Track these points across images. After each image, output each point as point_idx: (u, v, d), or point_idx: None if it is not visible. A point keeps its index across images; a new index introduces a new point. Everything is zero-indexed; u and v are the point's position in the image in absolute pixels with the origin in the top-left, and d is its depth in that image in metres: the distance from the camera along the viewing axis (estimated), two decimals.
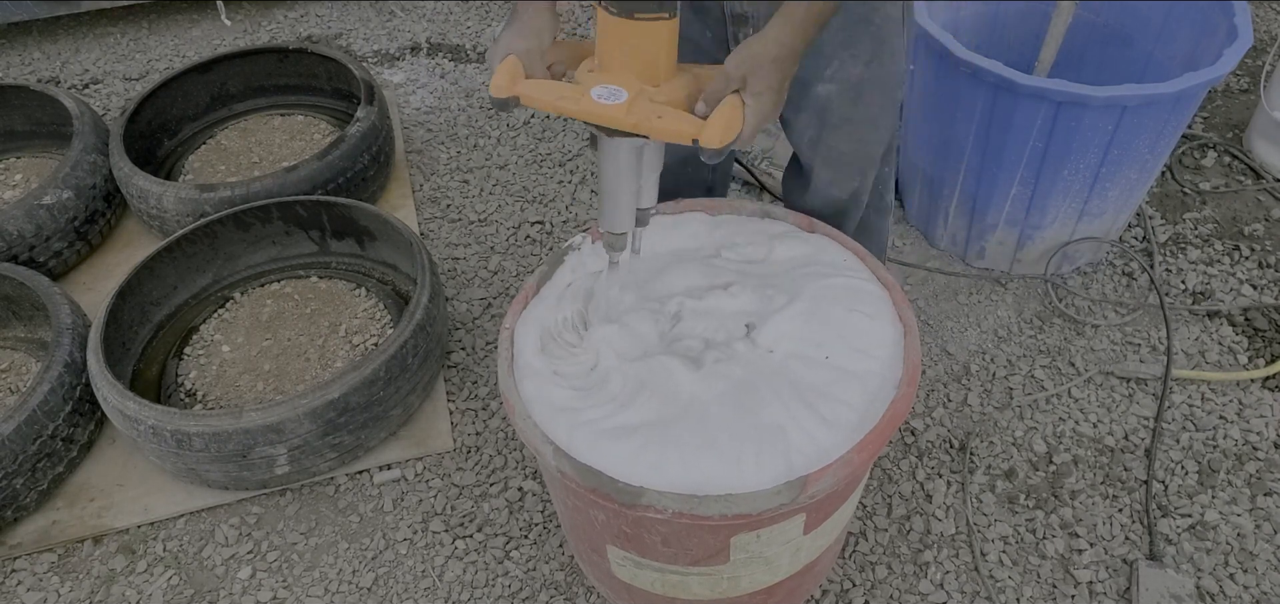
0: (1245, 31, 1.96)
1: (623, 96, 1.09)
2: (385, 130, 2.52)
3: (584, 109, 1.11)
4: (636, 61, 1.11)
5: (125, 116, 2.46)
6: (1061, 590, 1.70)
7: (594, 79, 1.13)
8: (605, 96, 1.10)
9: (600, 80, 1.12)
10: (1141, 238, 2.40)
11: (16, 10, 3.25)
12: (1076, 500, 1.84)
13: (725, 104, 1.10)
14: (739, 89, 1.12)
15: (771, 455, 1.15)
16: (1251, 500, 1.83)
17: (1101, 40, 2.35)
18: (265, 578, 1.77)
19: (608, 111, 1.09)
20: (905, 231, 2.45)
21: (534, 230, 2.50)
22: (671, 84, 1.14)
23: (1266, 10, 3.23)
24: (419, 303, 1.90)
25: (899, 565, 1.75)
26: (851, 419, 1.20)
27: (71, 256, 2.35)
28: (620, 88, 1.10)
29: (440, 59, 3.21)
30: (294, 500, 1.89)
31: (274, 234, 2.27)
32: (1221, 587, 1.69)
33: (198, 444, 1.72)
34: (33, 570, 1.79)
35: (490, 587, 1.74)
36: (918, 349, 1.29)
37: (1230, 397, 2.01)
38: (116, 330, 1.98)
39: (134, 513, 1.86)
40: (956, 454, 1.93)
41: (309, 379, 1.98)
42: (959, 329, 2.19)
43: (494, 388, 2.08)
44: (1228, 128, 2.74)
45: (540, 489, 1.89)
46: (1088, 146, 1.97)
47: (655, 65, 1.12)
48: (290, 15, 3.50)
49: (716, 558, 1.29)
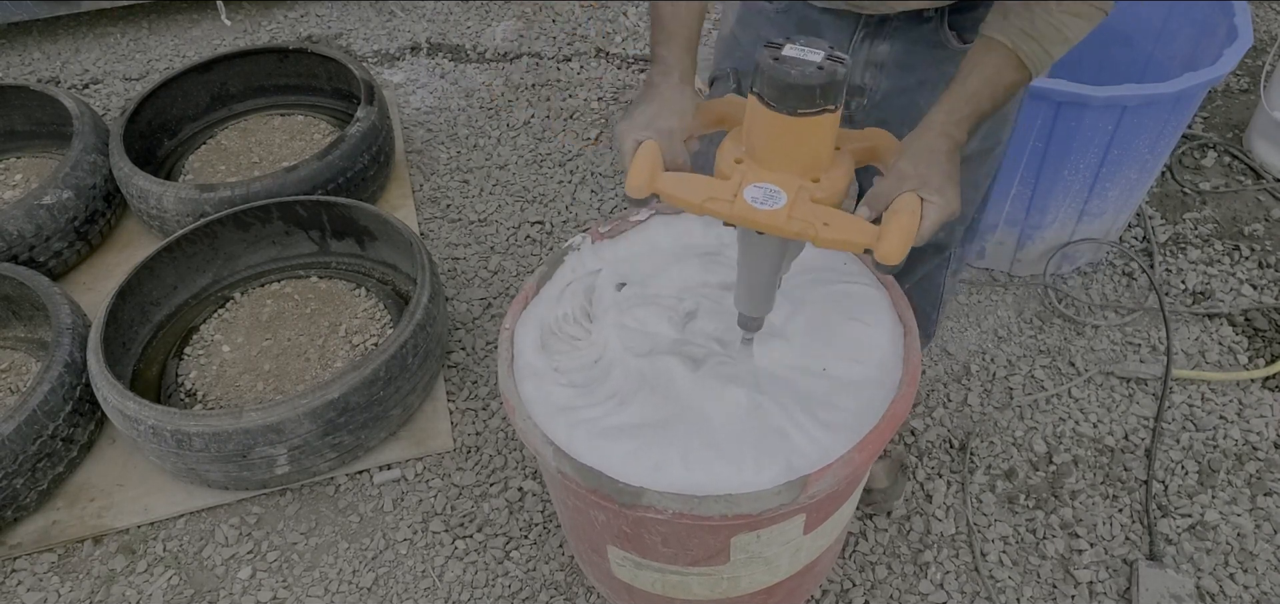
0: (1245, 31, 1.96)
1: (782, 199, 0.98)
2: (385, 130, 2.52)
3: (738, 213, 0.99)
4: (796, 158, 0.99)
5: (125, 116, 2.46)
6: (1061, 590, 1.70)
7: (744, 173, 1.01)
8: (762, 199, 0.98)
9: (753, 175, 1.00)
10: (1141, 238, 2.40)
11: (16, 10, 3.25)
12: (1076, 500, 1.84)
13: (903, 211, 0.99)
14: (915, 188, 1.01)
15: (771, 455, 1.15)
16: (1251, 500, 1.83)
17: (1101, 40, 2.34)
18: (265, 578, 1.77)
19: (766, 218, 0.98)
20: None
21: (534, 230, 2.50)
22: (832, 175, 1.02)
23: (1266, 10, 3.23)
24: (419, 303, 1.90)
25: (899, 565, 1.75)
26: (851, 419, 1.20)
27: (71, 256, 2.35)
28: (777, 188, 0.98)
29: (440, 59, 3.21)
30: (294, 500, 1.89)
31: (274, 234, 2.27)
32: (1221, 587, 1.69)
33: (198, 444, 1.72)
34: (33, 570, 1.79)
35: (490, 587, 1.74)
36: (918, 349, 1.28)
37: (1230, 397, 2.01)
38: (116, 330, 1.98)
39: (134, 513, 1.86)
40: (956, 454, 1.93)
41: (309, 379, 1.98)
42: (959, 329, 2.19)
43: (494, 388, 2.08)
44: (1228, 128, 2.74)
45: (540, 489, 1.89)
46: (1088, 146, 1.97)
47: (817, 159, 1.00)
48: (290, 15, 3.50)
49: (717, 558, 1.29)
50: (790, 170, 1.00)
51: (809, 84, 0.92)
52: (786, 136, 0.98)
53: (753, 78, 0.97)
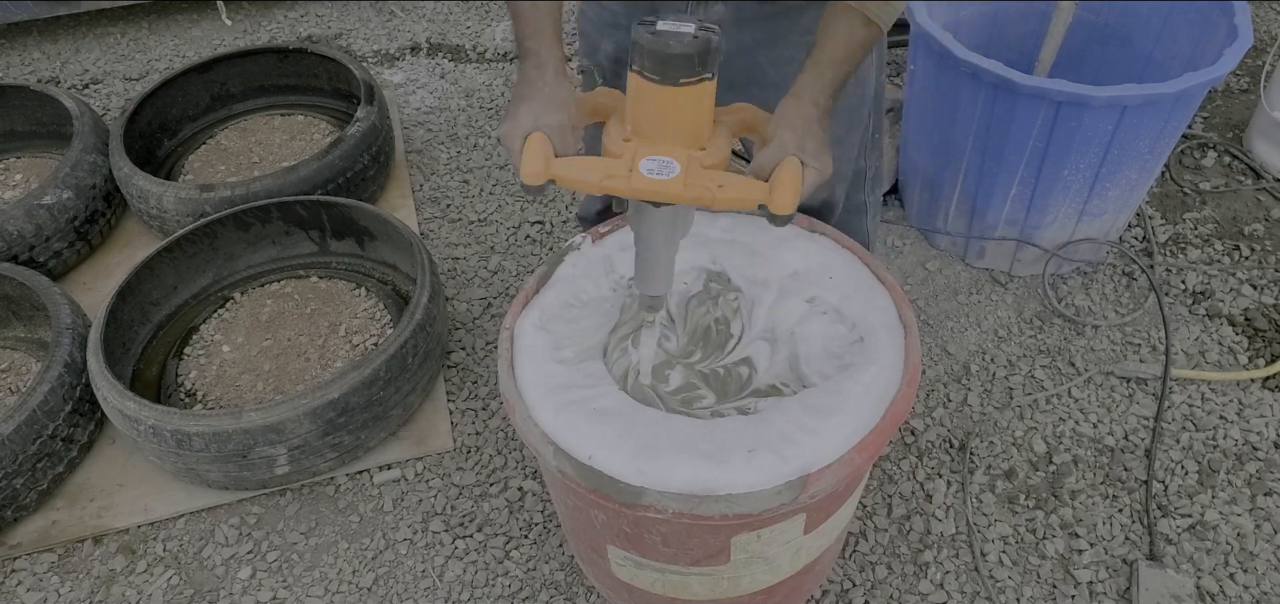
0: (1245, 31, 1.96)
1: (675, 168, 1.03)
2: (385, 130, 2.52)
3: (635, 186, 1.03)
4: (681, 128, 1.05)
5: (125, 116, 2.46)
6: (1061, 590, 1.70)
7: (635, 149, 1.06)
8: (656, 170, 1.03)
9: (643, 150, 1.05)
10: (1141, 238, 2.40)
11: (16, 10, 3.25)
12: (1076, 500, 1.84)
13: (787, 168, 1.04)
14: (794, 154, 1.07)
15: (772, 455, 1.15)
16: (1251, 500, 1.83)
17: (1101, 40, 2.35)
18: (265, 578, 1.77)
19: (663, 187, 1.03)
20: (905, 232, 2.45)
21: (534, 230, 2.50)
22: (716, 144, 1.08)
23: (1266, 10, 3.23)
24: (419, 303, 1.90)
25: (899, 565, 1.75)
26: (851, 419, 1.20)
27: (71, 256, 2.35)
28: (669, 158, 1.03)
29: (440, 59, 3.21)
30: (294, 500, 1.89)
31: (274, 234, 2.27)
32: (1221, 587, 1.69)
33: (198, 444, 1.72)
34: (33, 570, 1.79)
35: (490, 587, 1.74)
36: (918, 349, 1.28)
37: (1230, 397, 2.01)
38: (116, 330, 1.98)
39: (134, 513, 1.86)
40: (956, 454, 1.93)
41: (309, 379, 1.98)
42: (959, 329, 2.19)
43: (494, 388, 2.08)
44: (1228, 128, 2.75)
45: (540, 489, 1.89)
46: (1088, 146, 1.97)
47: (700, 128, 1.06)
48: (290, 15, 3.50)
49: (717, 558, 1.29)
50: (677, 141, 1.05)
51: (687, 53, 0.98)
52: (670, 107, 1.03)
53: (631, 55, 1.01)
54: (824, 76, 1.14)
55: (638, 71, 1.01)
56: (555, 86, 1.14)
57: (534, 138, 1.08)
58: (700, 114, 1.05)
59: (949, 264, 2.36)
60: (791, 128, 1.09)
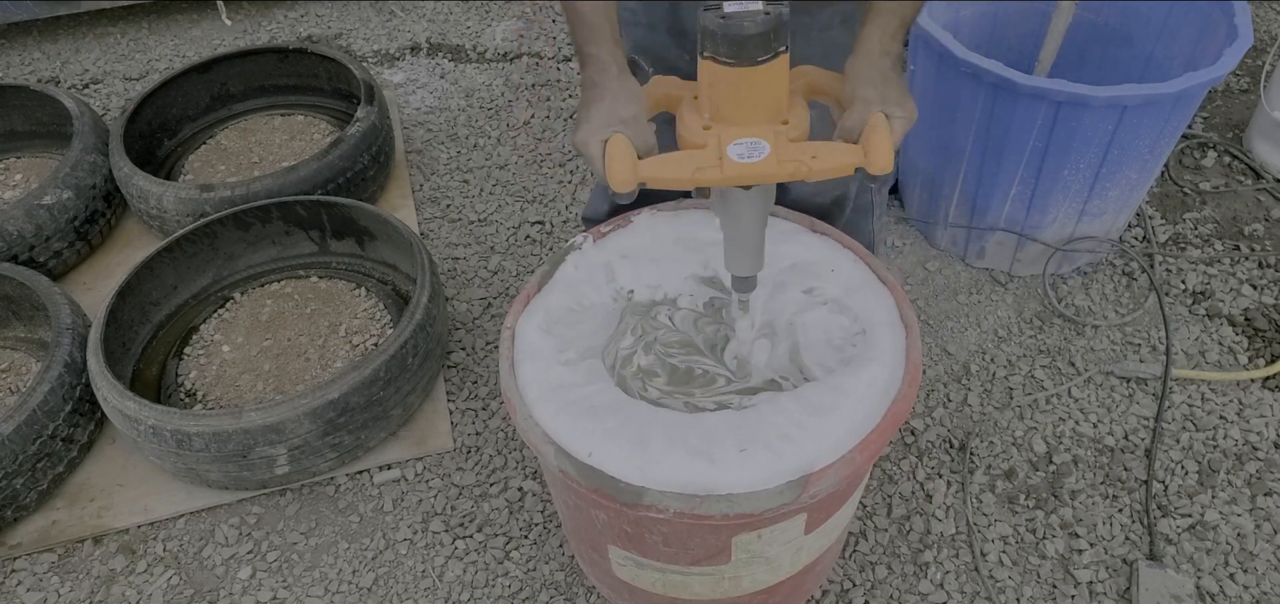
0: (1245, 31, 1.96)
1: (765, 149, 1.01)
2: (385, 130, 2.52)
3: (729, 173, 1.01)
4: (763, 106, 1.03)
5: (125, 116, 2.46)
6: (1061, 590, 1.70)
7: (719, 136, 1.03)
8: (746, 154, 1.01)
9: (727, 135, 1.03)
10: (1141, 238, 2.40)
11: (16, 10, 3.25)
12: (1076, 500, 1.84)
13: (876, 125, 1.03)
14: (879, 108, 1.06)
15: (772, 455, 1.15)
16: (1251, 500, 1.83)
17: (1101, 40, 2.35)
18: (265, 578, 1.77)
19: (759, 168, 1.01)
20: (905, 232, 2.45)
21: (534, 230, 2.50)
22: (796, 115, 1.06)
23: (1266, 10, 3.23)
24: (419, 303, 1.90)
25: (899, 565, 1.75)
26: (852, 419, 1.20)
27: (71, 256, 2.35)
28: (757, 140, 1.01)
29: (440, 59, 3.21)
30: (294, 500, 1.89)
31: (274, 234, 2.27)
32: (1221, 587, 1.69)
33: (198, 444, 1.72)
34: (33, 570, 1.79)
35: (490, 587, 1.74)
36: (918, 349, 1.28)
37: (1230, 397, 2.01)
38: (116, 330, 1.98)
39: (134, 513, 1.86)
40: (956, 454, 1.93)
41: (309, 379, 1.98)
42: (959, 329, 2.19)
43: (494, 388, 2.08)
44: (1228, 128, 2.75)
45: (540, 489, 1.89)
46: (1088, 146, 1.97)
47: (780, 103, 1.04)
48: (290, 15, 3.50)
49: (718, 558, 1.29)
50: (760, 120, 1.03)
51: (762, 31, 0.97)
52: (750, 88, 1.01)
53: (701, 42, 1.00)
54: (888, 25, 1.12)
55: (711, 57, 0.99)
56: (622, 83, 1.13)
57: (614, 141, 1.05)
58: (779, 89, 1.03)
59: (949, 264, 2.36)
60: (871, 83, 1.08)
